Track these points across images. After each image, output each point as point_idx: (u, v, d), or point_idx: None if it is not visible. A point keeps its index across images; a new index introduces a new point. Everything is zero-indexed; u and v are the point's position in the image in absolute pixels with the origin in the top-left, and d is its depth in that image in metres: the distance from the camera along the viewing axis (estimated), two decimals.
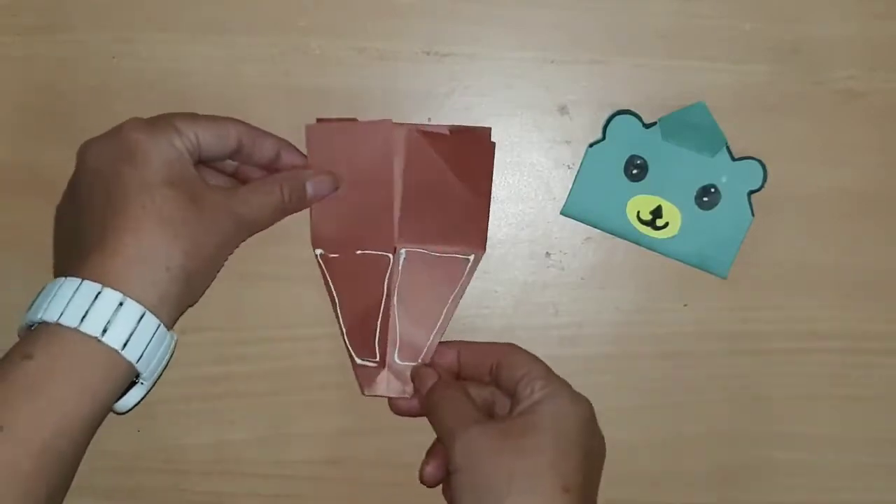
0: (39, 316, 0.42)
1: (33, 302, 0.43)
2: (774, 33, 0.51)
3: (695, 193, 0.51)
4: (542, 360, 0.48)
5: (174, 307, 0.45)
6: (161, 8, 0.51)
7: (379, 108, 0.51)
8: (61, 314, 0.42)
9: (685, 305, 0.52)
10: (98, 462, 0.48)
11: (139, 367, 0.43)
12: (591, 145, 0.51)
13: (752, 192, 0.51)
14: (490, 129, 0.51)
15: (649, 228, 0.51)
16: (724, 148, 0.50)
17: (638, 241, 0.51)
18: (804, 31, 0.51)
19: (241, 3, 0.51)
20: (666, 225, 0.51)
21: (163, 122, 0.46)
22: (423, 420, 0.50)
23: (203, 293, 0.47)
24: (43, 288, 0.44)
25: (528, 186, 0.52)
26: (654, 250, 0.51)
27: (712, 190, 0.51)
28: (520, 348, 0.49)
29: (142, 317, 0.43)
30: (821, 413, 0.52)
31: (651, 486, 0.52)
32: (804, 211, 0.51)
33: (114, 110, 0.51)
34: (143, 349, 0.43)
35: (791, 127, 0.51)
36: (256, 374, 0.52)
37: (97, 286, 0.42)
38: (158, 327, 0.43)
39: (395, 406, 0.51)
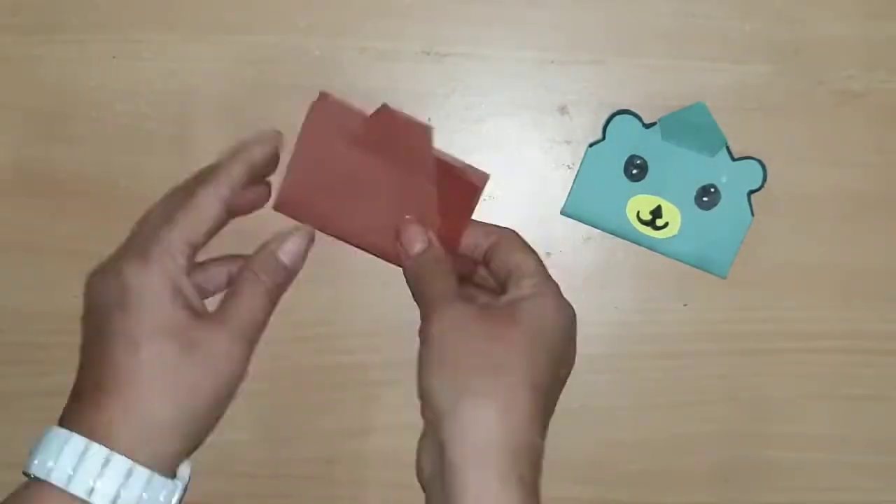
0: (31, 470, 0.42)
1: (35, 448, 0.43)
2: (774, 33, 0.51)
3: (695, 193, 0.51)
4: (537, 256, 0.48)
5: (174, 454, 0.44)
6: (161, 8, 0.51)
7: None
8: (50, 472, 0.41)
9: (685, 305, 0.52)
10: None
11: None
12: (591, 145, 0.51)
13: (751, 192, 0.51)
14: (487, 175, 0.51)
15: (649, 228, 0.51)
16: (724, 148, 0.50)
17: (638, 241, 0.51)
18: (804, 31, 0.51)
19: (241, 3, 0.51)
20: (666, 225, 0.51)
21: (157, 251, 0.45)
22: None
23: (218, 422, 0.46)
24: (45, 432, 0.43)
25: (528, 186, 0.52)
26: (654, 250, 0.51)
27: (712, 190, 0.51)
28: (519, 237, 0.49)
29: (130, 471, 0.42)
30: (821, 413, 0.52)
31: (651, 486, 0.52)
32: (804, 211, 0.51)
33: (114, 110, 0.51)
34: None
35: (791, 127, 0.51)
36: (256, 374, 0.52)
37: (83, 442, 0.42)
38: (152, 478, 0.42)
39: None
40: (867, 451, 0.52)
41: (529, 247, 0.49)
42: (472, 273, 0.50)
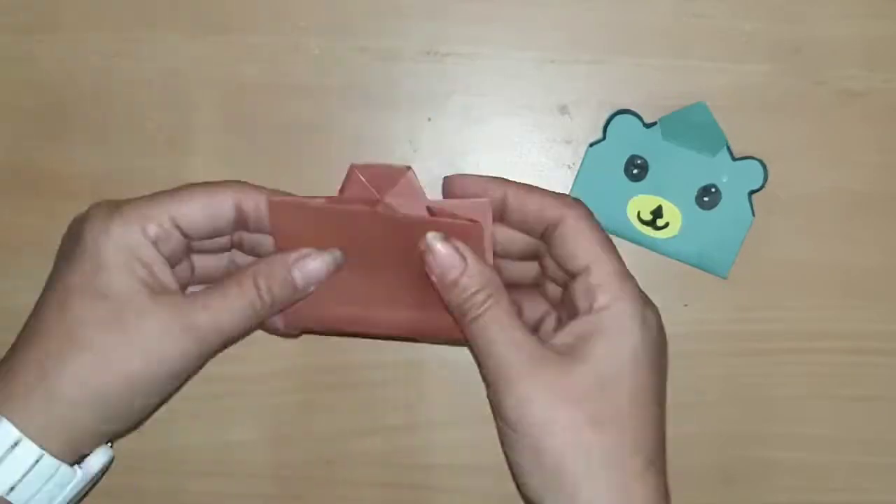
0: None
1: None
2: (774, 33, 0.51)
3: (695, 193, 0.51)
4: (609, 242, 0.41)
5: (81, 438, 0.41)
6: (160, 8, 0.51)
7: (379, 108, 0.51)
8: None
9: (685, 305, 0.52)
10: None
11: None
12: (591, 145, 0.51)
13: (752, 191, 0.51)
14: (486, 203, 0.42)
15: (649, 228, 0.51)
16: (725, 148, 0.50)
17: (638, 241, 0.51)
18: (804, 31, 0.51)
19: (240, 3, 0.51)
20: (666, 225, 0.51)
21: (129, 210, 0.41)
22: (425, 420, 0.50)
23: (142, 417, 0.43)
24: None
25: None
26: (655, 250, 0.51)
27: (713, 190, 0.51)
28: (587, 214, 0.41)
29: (39, 459, 0.39)
30: (821, 413, 0.52)
31: None
32: (804, 211, 0.51)
33: (113, 110, 0.51)
34: (35, 492, 0.40)
35: (791, 127, 0.51)
36: (256, 374, 0.52)
37: None
38: (59, 469, 0.40)
39: None
40: (867, 451, 0.52)
41: (597, 227, 0.42)
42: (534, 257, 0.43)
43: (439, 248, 0.40)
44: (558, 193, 0.43)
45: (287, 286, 0.42)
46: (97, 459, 0.42)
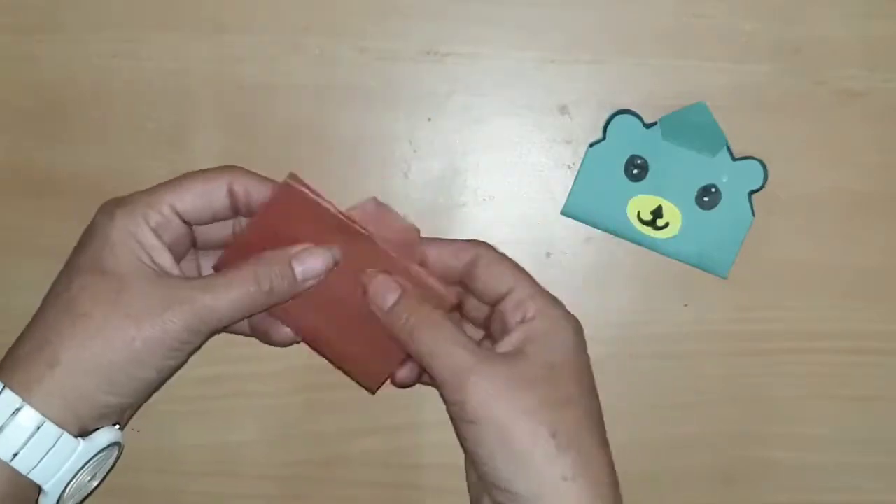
0: None
1: None
2: (774, 33, 0.51)
3: (695, 193, 0.51)
4: (522, 268, 0.46)
5: (83, 407, 0.41)
6: (160, 8, 0.51)
7: (379, 108, 0.51)
8: None
9: (685, 305, 0.52)
10: None
11: (35, 478, 0.41)
12: (591, 145, 0.51)
13: (752, 191, 0.51)
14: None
15: (649, 228, 0.51)
16: (725, 148, 0.50)
17: (638, 241, 0.51)
18: (804, 31, 0.51)
19: (240, 3, 0.51)
20: (666, 225, 0.51)
21: (132, 200, 0.44)
22: (424, 420, 0.50)
23: (144, 393, 0.44)
24: None
25: (528, 186, 0.52)
26: (655, 250, 0.51)
27: (713, 190, 0.51)
28: (493, 250, 0.46)
29: (41, 425, 0.40)
30: (821, 413, 0.52)
31: (651, 486, 0.52)
32: (804, 211, 0.51)
33: (114, 110, 0.51)
34: (38, 460, 0.40)
35: (791, 127, 0.51)
36: (256, 374, 0.52)
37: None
38: (61, 437, 0.41)
39: None
40: (867, 451, 0.52)
41: (508, 258, 0.46)
42: (456, 305, 0.47)
43: (379, 278, 0.45)
44: (459, 241, 0.47)
45: (286, 278, 0.44)
46: (103, 435, 0.43)
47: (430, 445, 0.51)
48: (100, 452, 0.43)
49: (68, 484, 0.42)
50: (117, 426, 0.44)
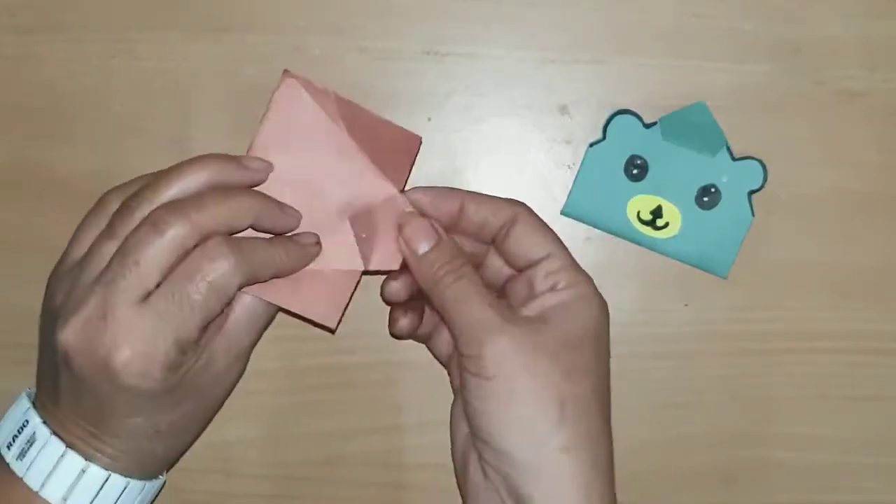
0: (22, 474, 0.42)
1: (14, 438, 0.43)
2: (774, 33, 0.51)
3: (695, 193, 0.51)
4: (558, 237, 0.46)
5: (162, 467, 0.46)
6: (160, 8, 0.51)
7: (379, 108, 0.51)
8: (28, 469, 0.42)
9: (685, 305, 0.52)
10: None
11: None
12: (591, 145, 0.51)
13: (752, 192, 0.51)
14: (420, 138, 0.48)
15: (649, 228, 0.51)
16: (725, 148, 0.50)
17: (638, 241, 0.51)
18: (804, 31, 0.51)
19: (240, 3, 0.51)
20: (666, 225, 0.51)
21: (159, 341, 0.41)
22: (424, 420, 0.50)
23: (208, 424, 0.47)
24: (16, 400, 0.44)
25: (528, 186, 0.52)
26: (655, 250, 0.51)
27: (712, 190, 0.51)
28: (533, 213, 0.46)
29: (106, 480, 0.43)
30: (821, 413, 0.52)
31: (651, 486, 0.52)
32: (804, 211, 0.51)
33: (113, 110, 0.51)
34: None
35: (791, 127, 0.51)
36: (256, 374, 0.52)
37: (82, 463, 0.42)
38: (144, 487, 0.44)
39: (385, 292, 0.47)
40: (867, 451, 0.52)
41: (546, 224, 0.46)
42: (480, 261, 0.47)
43: (417, 221, 0.45)
44: (500, 199, 0.46)
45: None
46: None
47: (429, 446, 0.51)
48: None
49: None
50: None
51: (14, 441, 0.43)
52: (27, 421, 0.43)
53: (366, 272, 0.46)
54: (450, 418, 0.46)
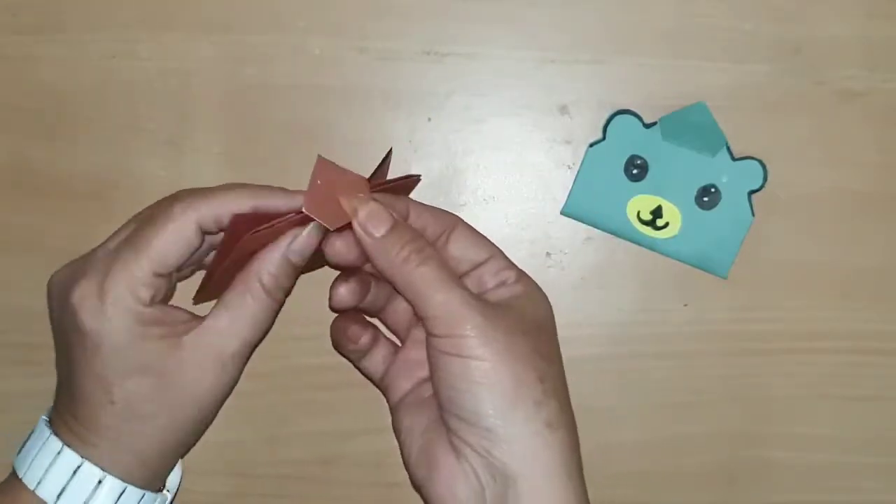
0: (22, 474, 0.43)
1: (24, 444, 0.45)
2: (774, 33, 0.51)
3: (695, 193, 0.51)
4: (496, 245, 0.47)
5: (165, 473, 0.47)
6: (160, 8, 0.51)
7: (379, 108, 0.51)
8: (39, 483, 0.43)
9: (685, 305, 0.52)
10: None
11: None
12: (591, 145, 0.51)
13: (752, 191, 0.51)
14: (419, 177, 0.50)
15: (649, 228, 0.51)
16: (725, 148, 0.50)
17: (638, 241, 0.51)
18: (804, 31, 0.51)
19: (240, 3, 0.51)
20: (666, 225, 0.51)
21: (116, 287, 0.42)
22: None
23: (208, 426, 0.47)
24: (32, 431, 0.45)
25: (528, 186, 0.52)
26: (654, 250, 0.51)
27: (712, 190, 0.51)
28: (468, 224, 0.47)
29: (123, 492, 0.43)
30: (821, 413, 0.52)
31: (651, 486, 0.52)
32: (804, 211, 0.51)
33: (113, 110, 0.51)
34: None
35: (791, 127, 0.51)
36: (256, 374, 0.52)
37: (77, 460, 0.43)
38: (143, 497, 0.45)
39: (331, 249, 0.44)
40: (867, 451, 0.52)
41: (481, 234, 0.47)
42: None
43: (371, 205, 0.43)
44: (441, 210, 0.47)
45: (289, 269, 0.44)
46: (175, 475, 0.48)
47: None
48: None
49: None
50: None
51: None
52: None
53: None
54: (393, 423, 0.47)
